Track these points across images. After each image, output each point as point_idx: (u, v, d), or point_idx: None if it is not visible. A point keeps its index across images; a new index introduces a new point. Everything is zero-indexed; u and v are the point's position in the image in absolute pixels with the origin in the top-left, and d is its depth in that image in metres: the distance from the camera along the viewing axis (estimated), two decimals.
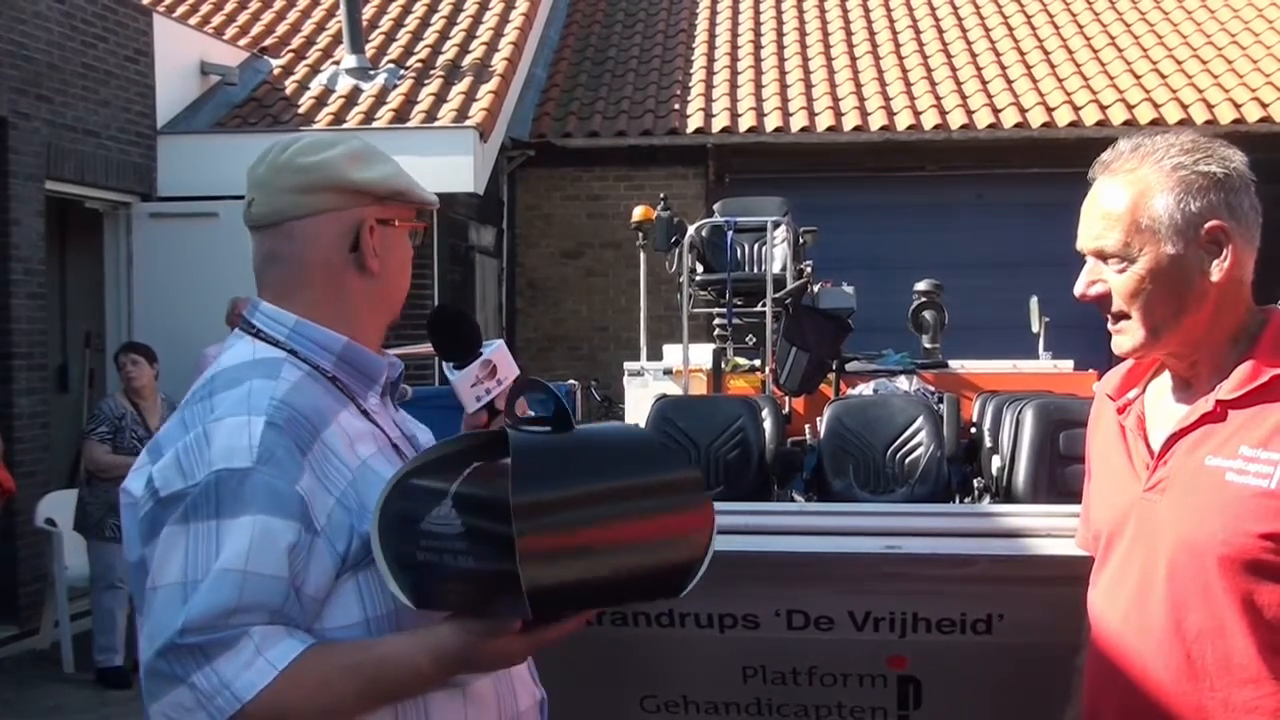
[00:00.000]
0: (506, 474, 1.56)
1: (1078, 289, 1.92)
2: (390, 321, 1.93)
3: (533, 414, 1.71)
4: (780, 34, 14.41)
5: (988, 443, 6.52)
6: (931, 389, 7.59)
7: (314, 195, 1.82)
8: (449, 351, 1.94)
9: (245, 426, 1.67)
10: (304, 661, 1.60)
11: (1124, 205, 1.86)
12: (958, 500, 6.46)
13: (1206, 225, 1.82)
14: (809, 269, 8.85)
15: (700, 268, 9.14)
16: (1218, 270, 1.83)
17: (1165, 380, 1.98)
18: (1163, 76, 12.86)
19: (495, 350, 1.93)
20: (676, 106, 12.99)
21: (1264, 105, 12.10)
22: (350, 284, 1.84)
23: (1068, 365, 8.42)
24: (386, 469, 1.76)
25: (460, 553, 1.59)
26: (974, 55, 13.63)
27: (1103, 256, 1.88)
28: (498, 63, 11.94)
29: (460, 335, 1.94)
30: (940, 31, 14.19)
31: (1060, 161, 11.02)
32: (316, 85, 11.93)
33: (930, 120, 12.39)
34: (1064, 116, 12.27)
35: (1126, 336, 1.89)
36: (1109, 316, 1.90)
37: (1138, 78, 12.88)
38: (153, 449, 1.75)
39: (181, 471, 1.67)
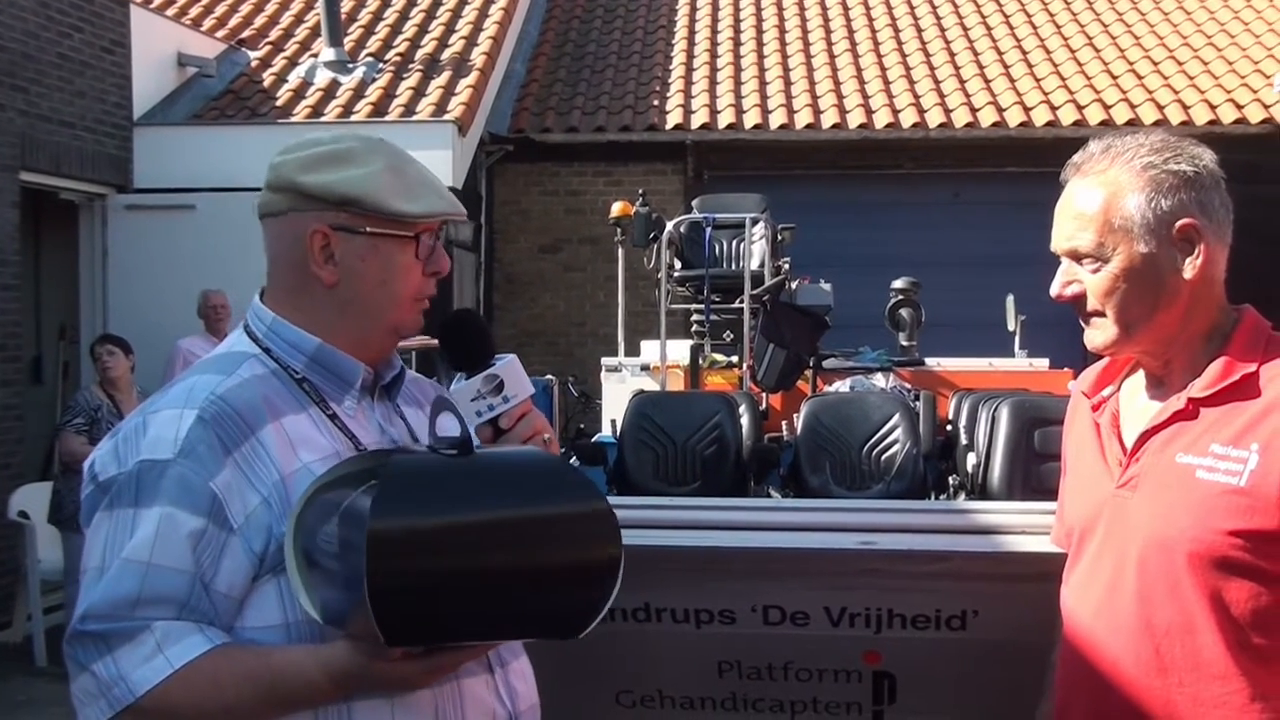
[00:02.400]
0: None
1: (1054, 290, 1.93)
2: (388, 331, 1.84)
3: (453, 435, 1.62)
4: (760, 31, 14.42)
5: (963, 440, 6.55)
6: (908, 386, 7.62)
7: (274, 195, 1.82)
8: (455, 359, 1.87)
9: (177, 420, 1.69)
10: (202, 662, 1.60)
11: (1096, 206, 1.87)
12: (933, 497, 6.49)
13: (1178, 223, 1.84)
14: (787, 266, 8.86)
15: (678, 264, 9.14)
16: (1190, 268, 1.85)
17: (1140, 378, 2.00)
18: (1139, 77, 12.94)
19: (505, 365, 1.84)
20: (655, 102, 12.99)
21: (1239, 106, 12.18)
22: (315, 289, 1.81)
23: (1043, 363, 8.45)
24: None
25: (336, 574, 1.55)
26: (952, 55, 13.68)
27: (1077, 257, 1.90)
28: (476, 57, 11.93)
29: (466, 344, 1.87)
30: (919, 31, 14.23)
31: (1037, 161, 11.05)
32: (294, 78, 11.90)
33: (908, 119, 12.43)
34: (1041, 116, 12.32)
35: (1099, 332, 1.90)
36: (1084, 316, 1.91)
37: (1114, 78, 12.95)
38: (115, 431, 1.77)
39: (117, 458, 1.70)
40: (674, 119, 12.65)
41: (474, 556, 1.51)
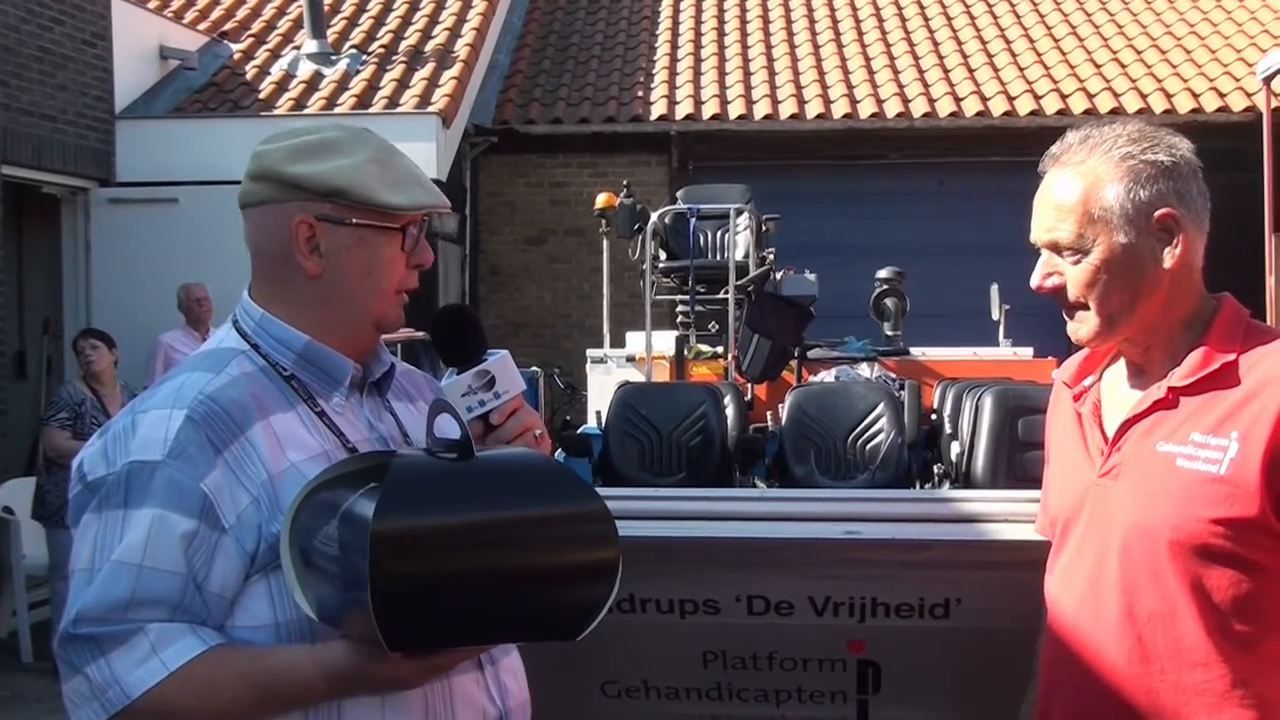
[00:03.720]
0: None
1: (1034, 281, 1.93)
2: (370, 324, 1.84)
3: (454, 438, 1.62)
4: (744, 21, 14.42)
5: (948, 429, 6.56)
6: (893, 376, 7.63)
7: (256, 184, 1.80)
8: (447, 355, 1.85)
9: (166, 420, 1.67)
10: (197, 664, 1.60)
11: (1075, 197, 1.87)
12: (918, 486, 6.51)
13: (1157, 213, 1.84)
14: (771, 256, 8.87)
15: (663, 255, 9.14)
16: (1170, 257, 1.85)
17: (1121, 367, 2.00)
18: (1122, 66, 12.96)
19: (496, 361, 1.82)
20: (640, 93, 12.97)
21: (1221, 95, 12.22)
22: (298, 280, 1.79)
23: (1027, 352, 8.48)
24: None
25: (335, 575, 1.55)
26: (936, 44, 13.69)
27: (1057, 249, 1.90)
28: (460, 48, 11.90)
29: (458, 340, 1.85)
30: (903, 20, 14.23)
31: (1021, 150, 11.03)
32: (277, 70, 11.85)
33: (893, 108, 12.44)
34: (1025, 105, 12.34)
35: (1082, 325, 1.91)
36: (1066, 308, 1.92)
37: (1098, 67, 12.98)
38: (103, 430, 1.76)
39: (106, 458, 1.68)
40: (658, 110, 12.64)
41: (476, 561, 1.51)
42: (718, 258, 9.09)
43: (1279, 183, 9.13)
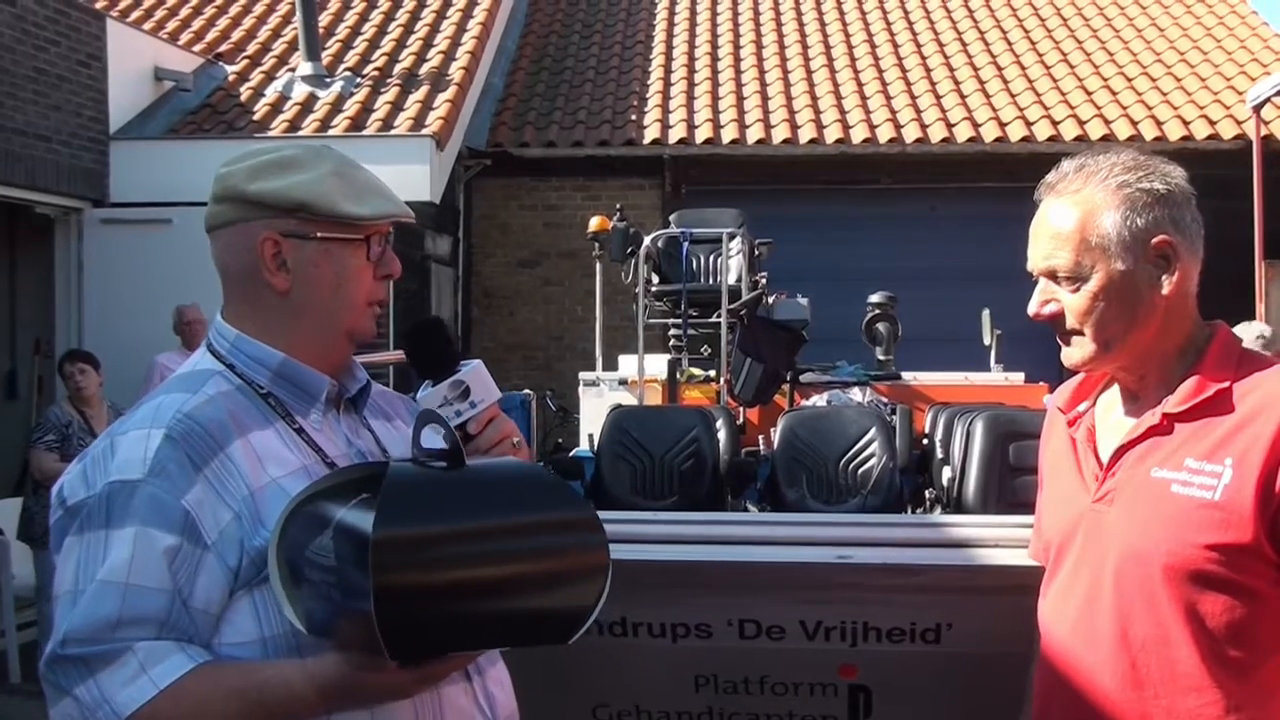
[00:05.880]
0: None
1: (1031, 309, 1.94)
2: (342, 336, 1.86)
3: (441, 447, 1.64)
4: (737, 46, 14.48)
5: (939, 454, 6.57)
6: (884, 400, 7.64)
7: (220, 206, 1.82)
8: (421, 368, 1.87)
9: (145, 439, 1.68)
10: (187, 682, 1.59)
11: (1072, 224, 1.88)
12: (909, 511, 6.51)
13: (1154, 240, 1.85)
14: (764, 280, 8.88)
15: (656, 278, 9.15)
16: (1167, 284, 1.86)
17: (1115, 393, 2.01)
18: (1113, 93, 13.03)
19: (470, 371, 1.84)
20: (633, 117, 13.01)
21: (1211, 123, 12.28)
22: (268, 298, 1.81)
23: (1019, 377, 8.49)
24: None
25: (331, 585, 1.55)
26: (929, 70, 13.75)
27: (1054, 276, 1.90)
28: (455, 71, 11.94)
29: (431, 352, 1.87)
30: (895, 47, 14.31)
31: (1013, 176, 11.11)
32: (272, 92, 11.88)
33: (885, 134, 12.48)
34: (1016, 131, 12.39)
35: (1076, 350, 1.92)
36: (1062, 335, 1.93)
37: (1089, 94, 13.04)
38: (82, 456, 1.76)
39: (86, 482, 1.69)
40: (652, 134, 12.68)
41: (473, 567, 1.53)
42: (710, 281, 9.11)
43: (1269, 210, 9.18)
